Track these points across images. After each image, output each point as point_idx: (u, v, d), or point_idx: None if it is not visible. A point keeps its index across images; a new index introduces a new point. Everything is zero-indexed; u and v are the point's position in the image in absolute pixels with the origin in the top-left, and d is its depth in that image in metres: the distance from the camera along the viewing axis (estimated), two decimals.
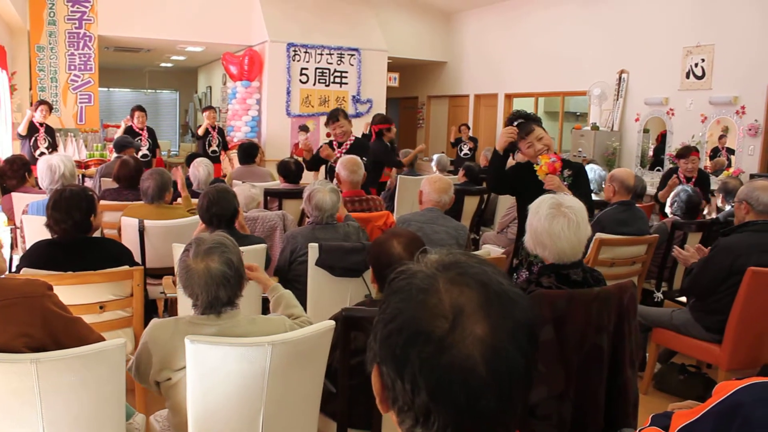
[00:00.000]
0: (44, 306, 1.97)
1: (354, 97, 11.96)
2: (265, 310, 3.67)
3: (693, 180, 6.34)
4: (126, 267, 3.06)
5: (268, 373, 1.96)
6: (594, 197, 5.78)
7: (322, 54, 11.61)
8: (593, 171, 6.06)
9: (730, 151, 8.87)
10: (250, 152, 6.95)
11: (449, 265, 0.90)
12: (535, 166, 3.62)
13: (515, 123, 3.71)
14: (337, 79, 11.83)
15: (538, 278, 2.48)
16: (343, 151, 5.70)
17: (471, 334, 0.82)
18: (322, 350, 2.14)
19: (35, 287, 2.00)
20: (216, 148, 9.54)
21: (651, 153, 9.95)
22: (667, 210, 5.11)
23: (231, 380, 1.94)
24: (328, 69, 11.73)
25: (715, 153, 9.04)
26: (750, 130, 8.40)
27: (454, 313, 0.83)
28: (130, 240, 4.04)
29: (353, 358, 2.23)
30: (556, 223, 2.39)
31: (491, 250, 4.74)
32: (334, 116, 5.84)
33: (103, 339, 2.08)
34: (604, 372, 2.47)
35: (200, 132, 9.63)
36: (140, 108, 8.76)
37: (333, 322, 2.12)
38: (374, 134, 7.31)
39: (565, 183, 3.61)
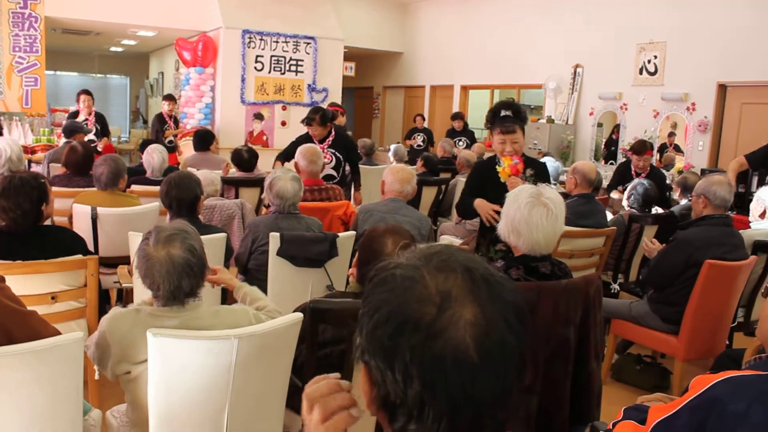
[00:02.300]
0: None
1: (309, 85, 11.81)
2: (224, 300, 3.59)
3: (643, 175, 6.42)
4: (79, 256, 2.93)
5: (234, 367, 1.88)
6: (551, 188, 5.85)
7: (277, 41, 11.43)
8: (549, 162, 6.10)
9: (678, 149, 9.09)
10: (205, 139, 6.80)
11: (431, 254, 0.88)
12: (497, 167, 3.63)
13: (502, 114, 3.62)
14: (293, 68, 11.66)
15: (507, 270, 2.46)
16: (327, 145, 5.60)
17: (460, 318, 0.80)
18: (289, 343, 2.07)
19: None
20: (172, 138, 9.32)
21: (603, 146, 10.12)
22: (624, 203, 5.18)
23: (195, 375, 1.86)
24: (284, 57, 11.55)
25: (663, 149, 9.23)
26: (700, 126, 8.59)
27: (442, 297, 0.81)
28: (82, 228, 3.89)
29: (320, 351, 2.18)
30: (535, 213, 2.37)
31: (451, 240, 4.72)
32: (308, 120, 5.66)
33: (58, 333, 1.97)
34: (570, 364, 2.47)
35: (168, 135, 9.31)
36: (86, 92, 8.45)
37: (300, 315, 2.05)
38: None
39: (527, 183, 3.62)
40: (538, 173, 3.77)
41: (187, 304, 2.00)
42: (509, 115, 3.61)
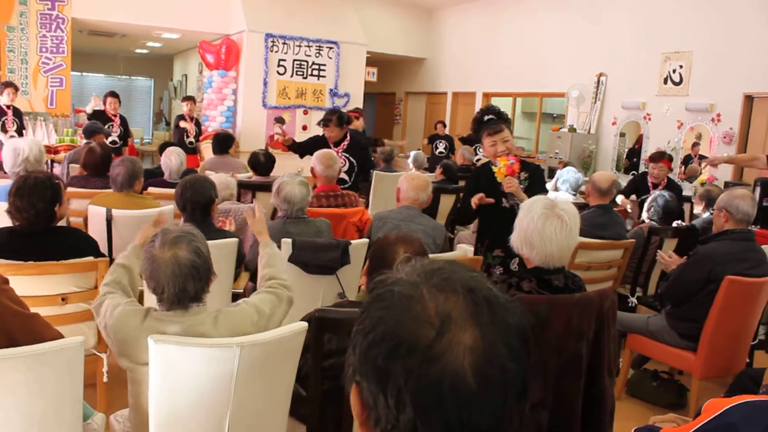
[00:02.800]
0: None
1: (331, 90, 11.83)
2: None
3: (660, 187, 6.30)
4: (91, 258, 2.93)
5: (236, 376, 1.85)
6: (570, 198, 5.78)
7: (300, 45, 11.47)
8: (569, 173, 6.03)
9: (703, 158, 8.94)
10: (224, 143, 6.81)
11: (432, 271, 0.83)
12: (493, 167, 3.64)
13: (486, 118, 3.73)
14: (315, 72, 11.69)
15: (519, 282, 2.42)
16: (342, 149, 5.59)
17: (459, 343, 0.76)
18: (294, 353, 2.04)
19: None
20: (193, 140, 9.35)
21: (625, 157, 9.99)
22: (644, 215, 5.09)
23: (196, 382, 1.84)
24: (306, 61, 11.58)
25: (687, 160, 9.09)
26: (725, 137, 8.46)
27: (441, 320, 0.77)
28: (96, 229, 3.90)
29: (325, 361, 2.15)
30: (549, 225, 2.32)
31: (467, 250, 4.66)
32: (325, 121, 5.65)
33: (61, 336, 1.96)
34: (582, 380, 2.42)
35: (185, 124, 9.35)
36: (114, 94, 8.62)
37: (305, 324, 2.02)
38: None
39: (521, 186, 3.63)
40: (531, 176, 3.79)
41: (190, 309, 1.98)
42: (492, 118, 3.71)
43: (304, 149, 5.76)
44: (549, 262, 2.37)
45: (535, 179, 3.82)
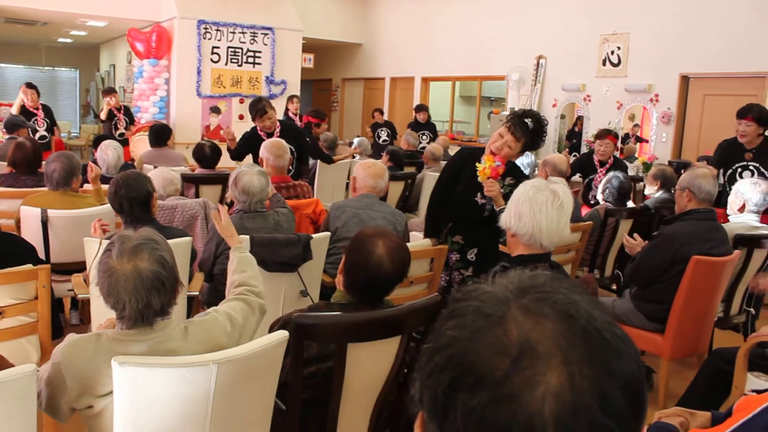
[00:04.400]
0: None
1: (268, 78, 11.52)
2: (190, 309, 3.35)
3: (607, 166, 6.27)
4: (29, 265, 2.65)
5: (212, 396, 1.65)
6: None
7: (234, 32, 11.11)
8: (528, 157, 5.98)
9: (639, 140, 9.11)
10: (162, 134, 6.48)
11: (530, 287, 0.66)
12: (477, 165, 3.46)
13: (524, 119, 3.39)
14: (250, 59, 11.35)
15: (503, 272, 2.29)
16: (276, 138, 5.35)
17: (541, 383, 0.58)
18: (275, 365, 1.85)
19: None
20: (123, 131, 8.88)
21: (566, 138, 10.08)
22: (599, 197, 5.07)
23: (168, 406, 1.63)
24: (241, 48, 11.24)
25: (625, 140, 9.22)
26: (663, 117, 8.59)
27: (521, 350, 0.60)
28: (31, 232, 3.59)
29: (305, 369, 1.97)
30: (540, 195, 2.27)
31: (427, 241, 4.53)
32: (261, 110, 5.39)
33: (10, 365, 1.70)
34: None
35: (103, 116, 8.91)
36: (30, 85, 7.95)
37: (286, 333, 1.83)
38: (302, 124, 7.00)
39: (502, 191, 3.44)
40: (516, 184, 3.64)
41: (155, 325, 1.75)
42: (527, 123, 3.38)
43: (241, 149, 5.52)
44: (536, 237, 2.27)
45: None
